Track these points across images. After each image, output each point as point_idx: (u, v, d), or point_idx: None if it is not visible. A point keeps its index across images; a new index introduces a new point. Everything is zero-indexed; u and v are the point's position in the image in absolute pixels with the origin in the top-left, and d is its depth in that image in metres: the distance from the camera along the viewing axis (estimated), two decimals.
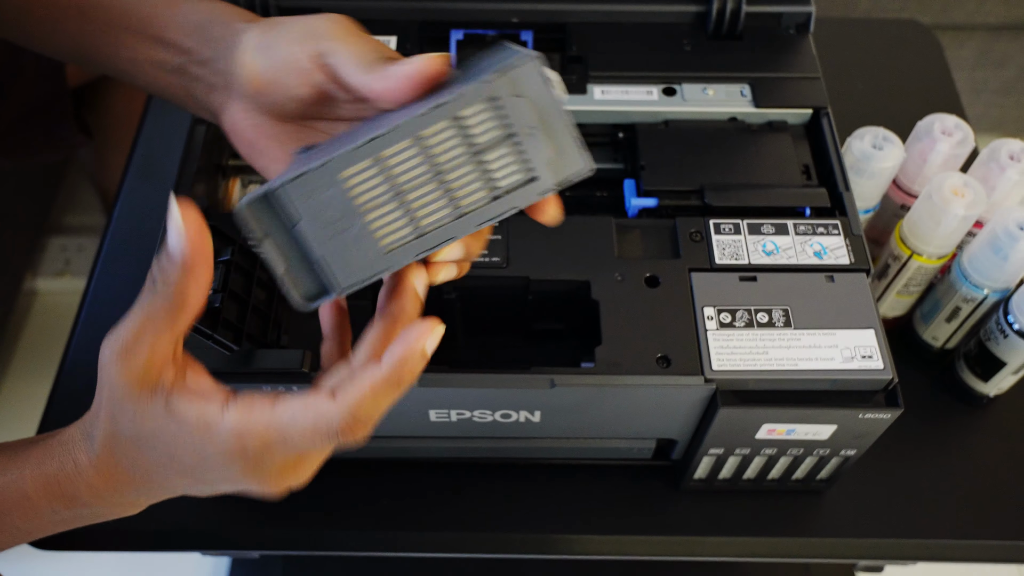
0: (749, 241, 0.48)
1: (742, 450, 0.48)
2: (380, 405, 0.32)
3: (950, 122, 0.56)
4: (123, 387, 0.32)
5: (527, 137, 0.31)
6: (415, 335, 0.32)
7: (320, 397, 0.32)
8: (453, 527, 0.53)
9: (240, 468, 0.33)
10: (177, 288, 0.31)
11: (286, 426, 0.32)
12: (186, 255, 0.31)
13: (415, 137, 0.31)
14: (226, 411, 0.33)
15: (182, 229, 0.31)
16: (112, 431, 0.34)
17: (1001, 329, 0.53)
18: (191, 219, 0.31)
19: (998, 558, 0.54)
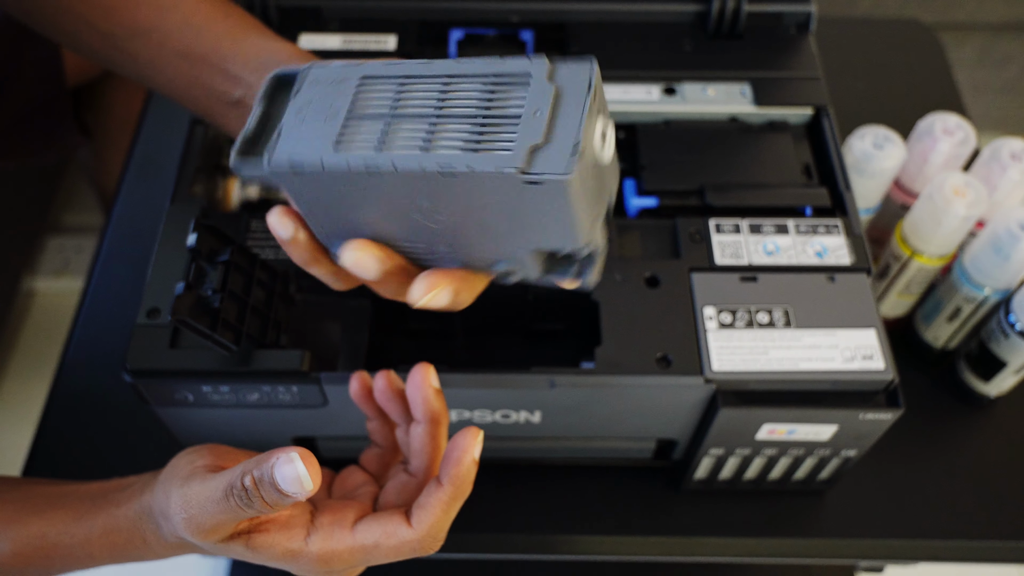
0: (750, 241, 0.47)
1: (743, 450, 0.48)
2: (449, 518, 0.36)
3: (951, 121, 0.56)
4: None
5: (527, 117, 0.30)
6: (463, 449, 0.35)
7: (398, 524, 0.35)
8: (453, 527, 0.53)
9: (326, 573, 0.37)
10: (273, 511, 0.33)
11: (370, 551, 0.35)
12: (299, 498, 0.33)
13: (449, 78, 0.32)
14: (309, 542, 0.35)
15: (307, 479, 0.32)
16: (188, 541, 0.36)
17: (1002, 329, 0.53)
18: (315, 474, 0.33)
19: (998, 558, 0.53)
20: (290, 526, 0.35)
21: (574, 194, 0.29)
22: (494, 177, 0.29)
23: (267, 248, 0.47)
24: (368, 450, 0.43)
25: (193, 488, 0.34)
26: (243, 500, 0.32)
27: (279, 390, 0.43)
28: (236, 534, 0.35)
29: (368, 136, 0.32)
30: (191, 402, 0.44)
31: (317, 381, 0.42)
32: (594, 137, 0.31)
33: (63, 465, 0.55)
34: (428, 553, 0.36)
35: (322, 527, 0.36)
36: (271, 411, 0.45)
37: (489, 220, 0.32)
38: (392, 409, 0.40)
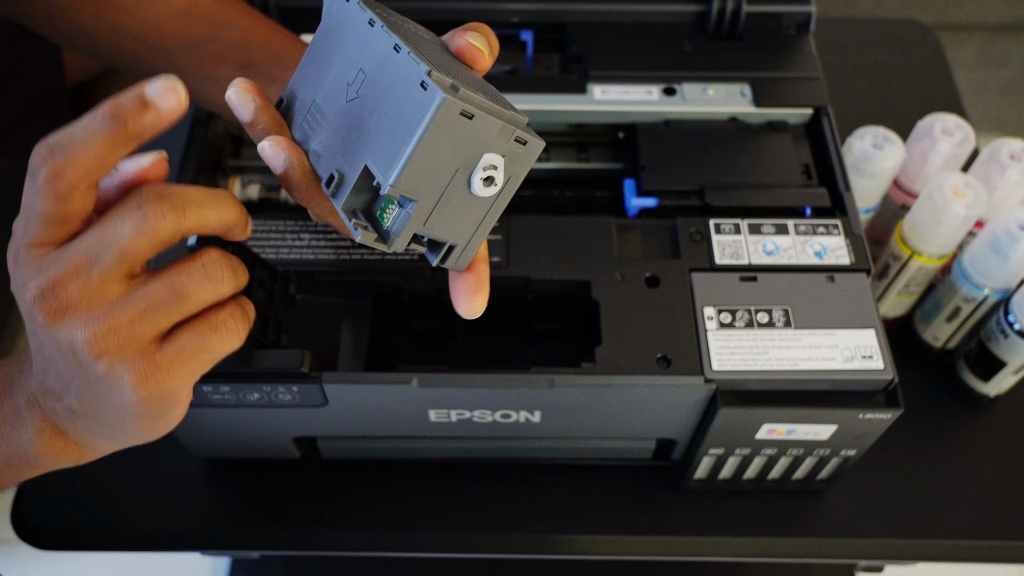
0: (749, 241, 0.47)
1: (742, 450, 0.48)
2: (81, 134, 0.30)
3: (951, 122, 0.56)
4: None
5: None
6: (140, 84, 0.30)
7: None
8: (453, 527, 0.53)
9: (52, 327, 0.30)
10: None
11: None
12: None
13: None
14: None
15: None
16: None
17: (1002, 329, 0.53)
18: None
19: (998, 558, 0.54)
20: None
21: (435, 123, 0.30)
22: (412, 65, 0.31)
23: (268, 248, 0.47)
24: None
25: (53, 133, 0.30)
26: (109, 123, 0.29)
27: (279, 390, 0.43)
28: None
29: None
30: (191, 402, 0.44)
31: (317, 381, 0.42)
32: (479, 163, 0.32)
33: None
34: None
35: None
36: (271, 411, 0.46)
37: (379, 106, 0.33)
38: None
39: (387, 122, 0.32)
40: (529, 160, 0.33)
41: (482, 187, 0.33)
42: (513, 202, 0.55)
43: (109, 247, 0.30)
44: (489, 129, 0.31)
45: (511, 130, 0.32)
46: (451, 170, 0.32)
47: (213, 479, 0.55)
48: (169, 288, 0.31)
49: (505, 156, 0.33)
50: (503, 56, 0.59)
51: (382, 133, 0.32)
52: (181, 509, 0.54)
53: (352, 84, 0.35)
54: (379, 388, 0.43)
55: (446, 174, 0.32)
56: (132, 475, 0.55)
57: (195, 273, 0.32)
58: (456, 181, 0.32)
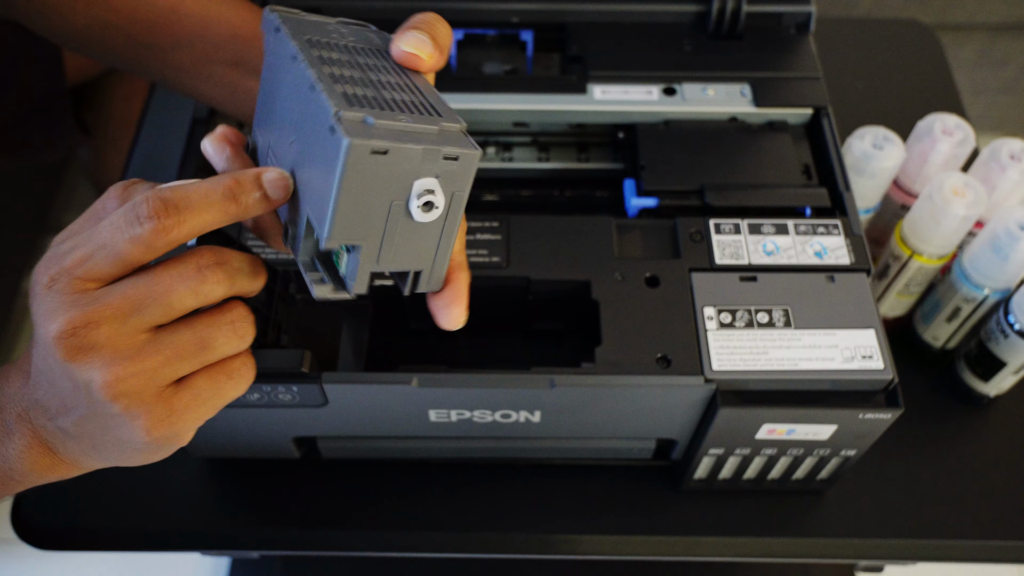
0: (749, 241, 0.47)
1: (742, 450, 0.48)
2: (199, 201, 0.31)
3: (951, 122, 0.56)
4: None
5: (418, 105, 0.32)
6: (259, 170, 0.33)
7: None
8: (453, 527, 0.53)
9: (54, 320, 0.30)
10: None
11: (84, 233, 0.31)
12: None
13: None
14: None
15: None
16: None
17: (1001, 329, 0.53)
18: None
19: (998, 558, 0.54)
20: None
21: (348, 169, 0.29)
22: (323, 106, 0.30)
23: (268, 248, 0.47)
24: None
25: (160, 189, 0.31)
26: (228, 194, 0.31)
27: (279, 390, 0.43)
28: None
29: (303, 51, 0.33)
30: None
31: (317, 381, 0.42)
32: (412, 188, 0.31)
33: None
34: (158, 235, 0.30)
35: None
36: (271, 411, 0.46)
37: (308, 150, 0.32)
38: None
39: (316, 169, 0.31)
40: (468, 172, 0.32)
41: (423, 214, 0.32)
42: (514, 202, 0.55)
43: (158, 301, 0.30)
44: (411, 158, 0.30)
45: (436, 151, 0.31)
46: (385, 206, 0.31)
47: (213, 479, 0.55)
48: (197, 340, 0.32)
49: (439, 176, 0.31)
50: (503, 56, 0.59)
51: (314, 181, 0.32)
52: (181, 509, 0.54)
53: (291, 125, 0.34)
54: (379, 388, 0.43)
55: (381, 212, 0.31)
56: (132, 475, 0.54)
57: (224, 328, 0.32)
58: (394, 215, 0.32)
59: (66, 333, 0.30)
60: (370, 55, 0.36)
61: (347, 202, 0.30)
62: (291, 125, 0.33)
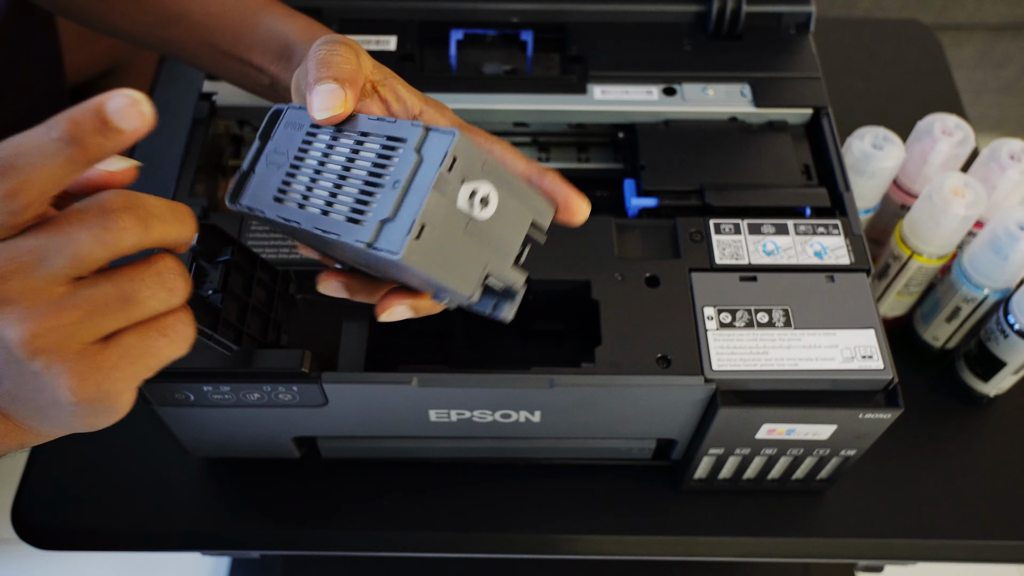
0: (749, 241, 0.47)
1: (742, 450, 0.48)
2: (35, 154, 0.28)
3: (950, 122, 0.56)
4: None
5: (387, 188, 0.32)
6: (99, 99, 0.28)
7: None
8: (453, 527, 0.53)
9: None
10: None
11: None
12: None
13: (362, 135, 0.35)
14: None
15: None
16: None
17: (1001, 329, 0.53)
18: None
19: (998, 558, 0.54)
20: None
21: (419, 264, 0.31)
22: (355, 245, 0.32)
23: (268, 248, 0.47)
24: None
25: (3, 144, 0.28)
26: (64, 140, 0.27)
27: (279, 390, 0.43)
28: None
29: (295, 191, 0.35)
30: (191, 402, 0.44)
31: (318, 381, 0.42)
32: (455, 204, 0.32)
33: (62, 465, 0.55)
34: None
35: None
36: (271, 411, 0.46)
37: (384, 267, 0.34)
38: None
39: (391, 268, 0.33)
40: (467, 150, 0.33)
41: (486, 208, 0.33)
42: None
43: (62, 251, 0.28)
44: (438, 206, 0.32)
45: (441, 177, 0.32)
46: (466, 239, 0.33)
47: (213, 479, 0.55)
48: (119, 292, 0.29)
49: (463, 179, 0.33)
50: (503, 56, 0.59)
51: (402, 275, 0.35)
52: (181, 509, 0.54)
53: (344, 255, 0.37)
54: (379, 388, 0.43)
55: (468, 242, 0.33)
56: (132, 475, 0.55)
57: (149, 280, 0.30)
58: (477, 234, 0.33)
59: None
60: (334, 142, 0.36)
61: (441, 270, 0.32)
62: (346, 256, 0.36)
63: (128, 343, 0.30)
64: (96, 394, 0.30)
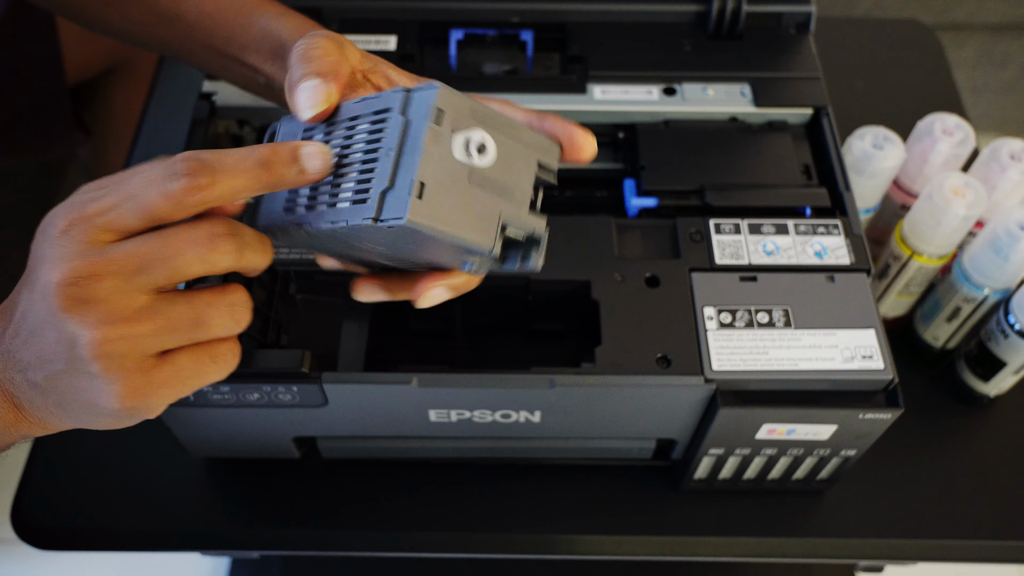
0: (749, 241, 0.47)
1: (742, 450, 0.48)
2: (234, 166, 0.31)
3: (951, 122, 0.56)
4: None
5: (383, 159, 0.32)
6: (298, 143, 0.33)
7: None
8: (453, 527, 0.53)
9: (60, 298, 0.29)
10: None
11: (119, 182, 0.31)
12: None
13: (351, 120, 0.34)
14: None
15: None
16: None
17: (1002, 329, 0.53)
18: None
19: (998, 558, 0.54)
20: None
21: (428, 224, 0.31)
22: (368, 226, 0.32)
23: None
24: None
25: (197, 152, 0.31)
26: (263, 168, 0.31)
27: (279, 390, 0.43)
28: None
29: (302, 195, 0.35)
30: (191, 402, 0.44)
31: (317, 381, 0.42)
32: (453, 156, 0.32)
33: (62, 465, 0.55)
34: (193, 191, 0.30)
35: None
36: (271, 411, 0.46)
37: (405, 248, 0.34)
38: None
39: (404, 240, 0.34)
40: (452, 100, 0.32)
41: (484, 156, 0.33)
42: None
43: (166, 263, 0.30)
44: (437, 156, 0.31)
45: (433, 130, 0.31)
46: (473, 187, 0.32)
47: (213, 479, 0.55)
48: (193, 314, 0.31)
49: (453, 129, 0.32)
50: (503, 56, 0.59)
51: (419, 248, 0.35)
52: (181, 509, 0.54)
53: (366, 251, 0.36)
54: (379, 388, 0.43)
55: (476, 193, 0.33)
56: (132, 475, 0.55)
57: (223, 308, 0.32)
58: (481, 182, 0.33)
59: (68, 281, 0.29)
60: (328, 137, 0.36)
61: (454, 226, 0.31)
62: (368, 253, 0.36)
63: (181, 363, 0.32)
64: (139, 405, 0.31)
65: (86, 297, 0.29)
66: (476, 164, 0.32)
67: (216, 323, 0.32)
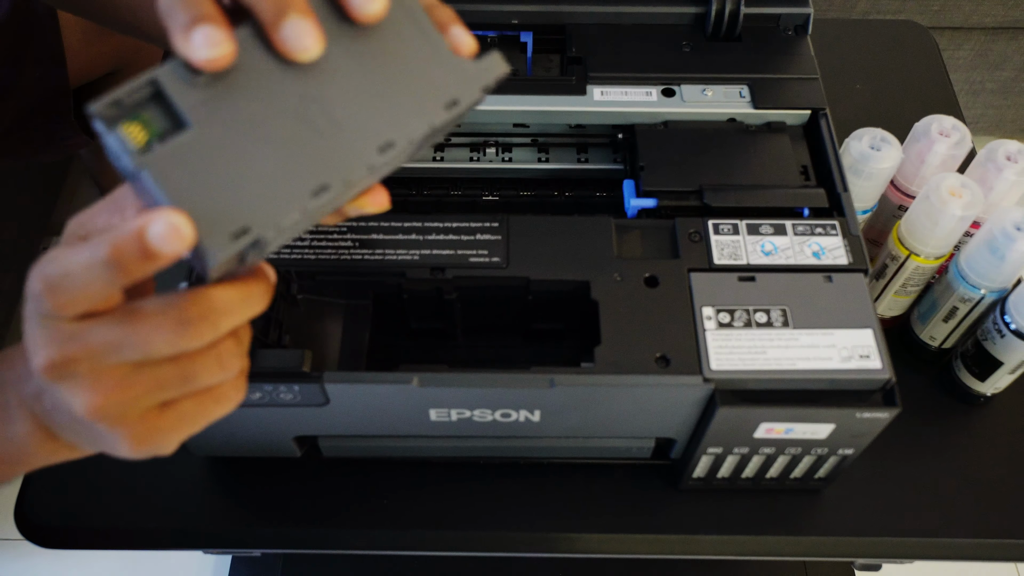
0: (748, 241, 0.48)
1: (740, 449, 0.48)
2: (81, 278, 0.29)
3: (947, 123, 0.57)
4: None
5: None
6: (140, 224, 0.28)
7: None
8: (454, 526, 0.53)
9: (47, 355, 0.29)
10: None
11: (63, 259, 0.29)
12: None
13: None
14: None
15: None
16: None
17: (998, 329, 0.53)
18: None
19: (995, 557, 0.54)
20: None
21: (161, 185, 0.29)
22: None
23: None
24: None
25: (54, 258, 0.30)
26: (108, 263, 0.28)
27: (281, 389, 0.44)
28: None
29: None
30: None
31: (319, 380, 0.43)
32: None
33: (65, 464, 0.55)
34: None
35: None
36: (272, 410, 0.46)
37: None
38: None
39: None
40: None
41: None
42: (513, 202, 0.56)
43: (135, 348, 0.30)
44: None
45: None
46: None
47: (215, 478, 0.55)
48: (180, 372, 0.31)
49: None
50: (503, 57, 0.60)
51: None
52: (183, 507, 0.54)
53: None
54: (380, 387, 0.44)
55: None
56: (134, 474, 0.55)
57: (209, 361, 0.32)
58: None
59: (47, 367, 0.30)
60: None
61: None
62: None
63: (184, 409, 0.32)
64: (151, 448, 0.32)
65: (68, 375, 0.30)
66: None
67: (205, 375, 0.32)
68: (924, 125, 0.57)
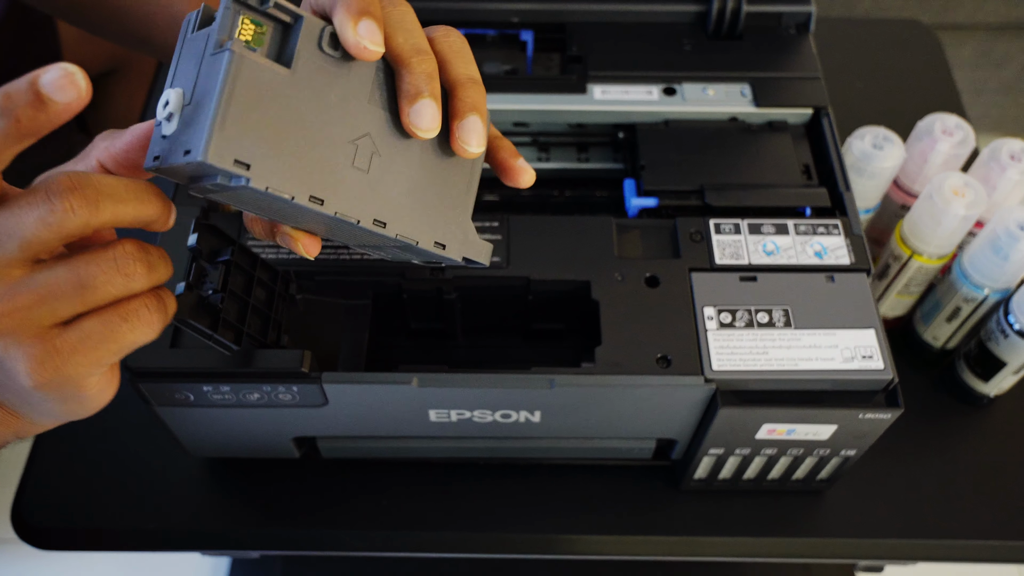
0: (749, 241, 0.48)
1: (742, 450, 0.48)
2: None
3: (950, 122, 0.56)
4: None
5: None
6: (33, 74, 0.28)
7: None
8: (454, 527, 0.53)
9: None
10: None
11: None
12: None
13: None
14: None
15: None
16: None
17: (1001, 329, 0.53)
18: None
19: (998, 558, 0.54)
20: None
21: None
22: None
23: (268, 248, 0.47)
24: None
25: None
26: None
27: (280, 390, 0.44)
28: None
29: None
30: (192, 402, 0.44)
31: (318, 381, 0.42)
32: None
33: (62, 465, 0.55)
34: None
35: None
36: (272, 411, 0.46)
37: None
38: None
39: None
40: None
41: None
42: (513, 202, 0.56)
43: (11, 235, 0.28)
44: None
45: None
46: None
47: (213, 479, 0.55)
48: (74, 277, 0.29)
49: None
50: (503, 56, 0.59)
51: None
52: (181, 509, 0.54)
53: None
54: (379, 388, 0.43)
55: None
56: (132, 475, 0.55)
57: (104, 265, 0.30)
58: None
59: None
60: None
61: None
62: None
63: (88, 327, 0.30)
64: (56, 377, 0.30)
65: None
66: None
67: (102, 280, 0.30)
68: (927, 124, 0.57)
